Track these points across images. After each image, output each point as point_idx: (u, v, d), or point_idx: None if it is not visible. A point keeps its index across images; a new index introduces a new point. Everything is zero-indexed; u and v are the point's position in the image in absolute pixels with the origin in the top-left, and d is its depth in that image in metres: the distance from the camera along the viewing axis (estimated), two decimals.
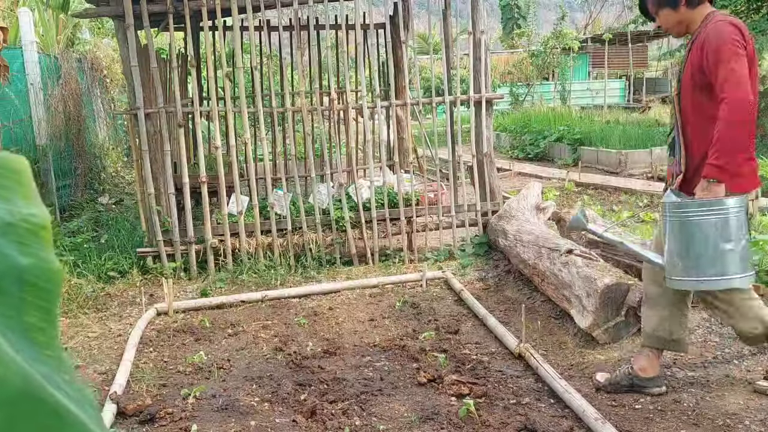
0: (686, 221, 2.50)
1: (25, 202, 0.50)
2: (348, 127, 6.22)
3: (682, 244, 2.51)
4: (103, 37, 12.32)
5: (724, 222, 2.44)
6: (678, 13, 2.69)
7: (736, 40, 2.49)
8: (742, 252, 2.46)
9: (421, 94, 10.81)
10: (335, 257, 5.23)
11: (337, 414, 2.77)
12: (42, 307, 0.47)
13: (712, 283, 2.49)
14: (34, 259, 0.48)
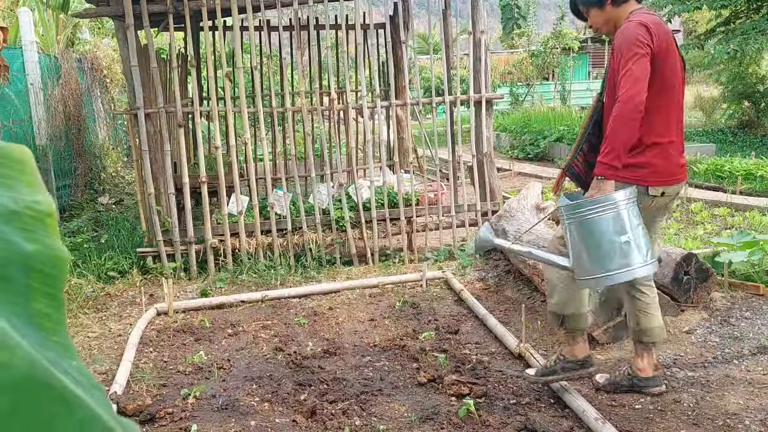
0: (582, 221, 2.53)
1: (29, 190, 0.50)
2: (348, 127, 6.22)
3: (582, 243, 2.55)
4: (103, 37, 12.31)
5: (616, 216, 2.48)
6: (605, 12, 2.74)
7: (638, 40, 2.52)
8: (638, 241, 2.49)
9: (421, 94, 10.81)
10: (335, 257, 5.23)
11: (337, 414, 2.77)
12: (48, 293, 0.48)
13: (617, 277, 2.50)
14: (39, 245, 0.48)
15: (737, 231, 4.76)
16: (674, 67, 2.63)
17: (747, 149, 10.81)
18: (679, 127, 2.72)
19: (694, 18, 18.32)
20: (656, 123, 2.62)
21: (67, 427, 0.41)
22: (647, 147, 2.63)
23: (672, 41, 2.65)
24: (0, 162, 0.50)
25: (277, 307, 4.27)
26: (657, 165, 2.64)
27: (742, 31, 9.43)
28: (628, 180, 2.63)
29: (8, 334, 0.41)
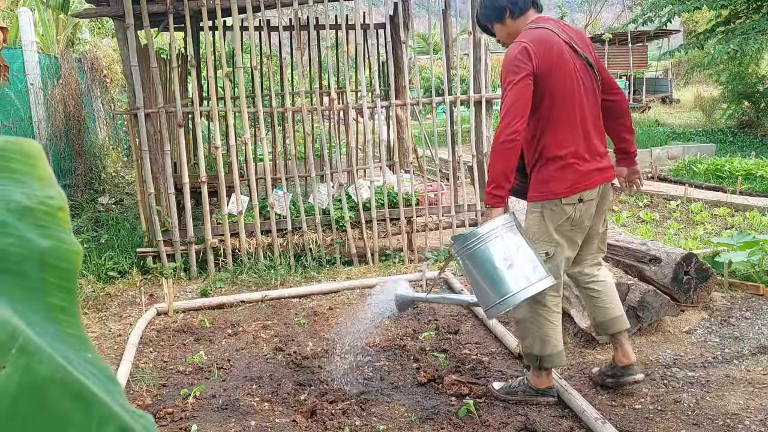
0: (471, 254, 2.57)
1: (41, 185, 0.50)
2: (348, 127, 6.22)
3: (477, 275, 2.59)
4: (103, 37, 12.31)
5: (499, 242, 2.52)
6: (506, 26, 2.79)
7: (514, 65, 2.57)
8: (524, 262, 2.52)
9: (421, 94, 10.81)
10: (335, 257, 5.23)
11: (337, 414, 2.77)
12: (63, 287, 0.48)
13: (512, 299, 2.49)
14: (53, 241, 0.48)
15: (737, 231, 4.76)
16: (570, 77, 2.62)
17: (747, 149, 10.82)
18: (586, 133, 2.68)
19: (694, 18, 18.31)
20: (555, 136, 2.64)
21: (84, 425, 0.42)
22: (549, 160, 2.66)
23: (564, 51, 2.63)
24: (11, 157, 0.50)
25: (277, 307, 4.27)
26: (562, 176, 2.64)
27: (742, 31, 9.43)
28: (539, 198, 2.69)
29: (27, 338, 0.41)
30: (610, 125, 2.89)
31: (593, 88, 2.73)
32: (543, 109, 2.63)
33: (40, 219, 0.49)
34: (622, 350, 2.89)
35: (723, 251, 4.30)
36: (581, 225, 2.71)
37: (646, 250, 3.92)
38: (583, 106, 2.67)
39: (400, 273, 4.92)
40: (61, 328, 0.47)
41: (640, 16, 11.63)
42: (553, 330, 2.77)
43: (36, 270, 0.47)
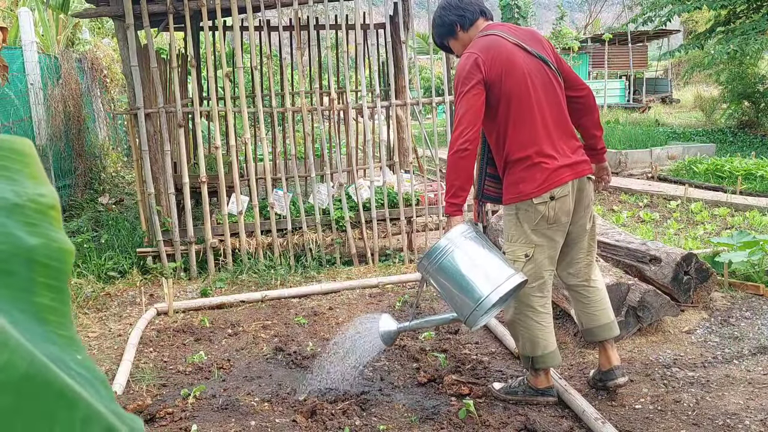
0: (437, 268, 2.58)
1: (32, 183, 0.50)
2: (348, 127, 6.22)
3: (448, 287, 2.60)
4: (103, 37, 12.32)
5: (460, 251, 2.55)
6: (459, 40, 2.82)
7: (464, 77, 2.61)
8: (489, 263, 2.55)
9: (421, 94, 10.80)
10: (335, 257, 5.23)
11: (337, 414, 2.77)
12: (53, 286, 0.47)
13: (491, 297, 2.49)
14: (43, 239, 0.48)
15: (737, 231, 4.76)
16: (522, 78, 2.63)
17: (747, 149, 10.82)
18: (548, 131, 2.67)
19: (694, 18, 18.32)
20: (516, 138, 2.65)
21: (68, 425, 0.41)
22: (514, 162, 2.67)
23: (514, 53, 2.65)
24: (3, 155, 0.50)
25: (277, 307, 4.27)
26: (530, 176, 2.64)
27: (742, 31, 9.43)
28: (512, 200, 2.69)
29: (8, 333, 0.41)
30: (578, 122, 2.88)
31: (552, 85, 2.72)
32: (500, 113, 2.66)
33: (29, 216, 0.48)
34: (605, 355, 2.88)
35: (723, 251, 4.30)
36: (558, 222, 2.69)
37: (646, 250, 3.92)
38: (541, 105, 2.66)
39: (400, 273, 4.92)
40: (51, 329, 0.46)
41: (640, 15, 11.64)
42: (542, 331, 2.75)
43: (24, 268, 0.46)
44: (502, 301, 2.61)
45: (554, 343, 2.82)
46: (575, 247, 2.83)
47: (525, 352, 2.80)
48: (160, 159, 5.00)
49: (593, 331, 2.89)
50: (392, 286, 4.64)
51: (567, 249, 2.82)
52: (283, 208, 5.24)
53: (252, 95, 6.07)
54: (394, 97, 6.60)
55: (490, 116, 2.68)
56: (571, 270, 2.88)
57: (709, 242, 4.80)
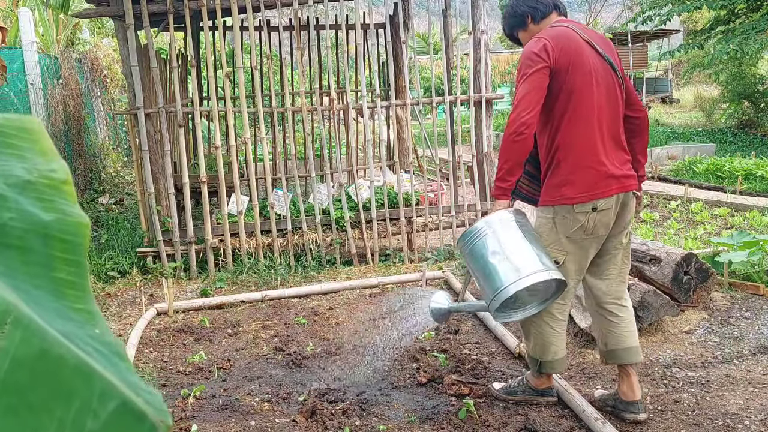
0: (469, 251, 2.52)
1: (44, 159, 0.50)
2: (348, 127, 6.22)
3: (475, 272, 2.53)
4: (103, 37, 12.31)
5: (492, 237, 2.47)
6: (529, 32, 2.73)
7: (530, 59, 2.51)
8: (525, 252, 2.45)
9: (421, 94, 10.81)
10: (335, 257, 5.23)
11: (337, 414, 2.77)
12: (71, 260, 0.48)
13: (510, 289, 2.38)
14: (58, 213, 0.48)
15: (737, 231, 4.76)
16: (588, 75, 2.52)
17: (747, 149, 10.82)
18: (604, 135, 2.55)
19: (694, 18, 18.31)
20: (569, 136, 2.53)
21: (85, 399, 0.42)
22: (562, 162, 2.54)
23: (584, 49, 2.55)
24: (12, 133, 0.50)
25: (277, 307, 4.27)
26: (576, 180, 2.52)
27: (742, 31, 9.43)
28: (550, 203, 2.58)
29: (21, 311, 0.41)
30: (628, 143, 2.73)
31: (615, 92, 2.60)
32: (558, 106, 2.53)
33: (42, 192, 0.48)
34: (628, 383, 2.72)
35: (723, 251, 4.30)
36: (596, 234, 2.56)
37: (646, 250, 3.92)
38: (601, 107, 2.54)
39: (400, 273, 4.92)
40: (69, 303, 0.46)
41: (640, 14, 11.64)
42: (555, 337, 2.69)
43: (40, 244, 0.47)
44: (536, 299, 2.53)
45: (564, 350, 2.76)
46: (609, 263, 2.70)
47: (534, 354, 2.74)
48: (160, 159, 4.99)
49: (618, 353, 2.73)
50: (392, 286, 4.64)
51: (600, 263, 2.70)
52: (283, 208, 5.24)
53: (252, 95, 6.07)
54: (394, 97, 6.60)
55: (546, 108, 2.55)
56: (603, 287, 2.73)
57: (709, 242, 4.80)
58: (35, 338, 0.41)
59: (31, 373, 0.40)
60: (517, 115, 2.49)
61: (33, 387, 0.40)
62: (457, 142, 5.61)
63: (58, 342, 0.42)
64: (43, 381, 0.40)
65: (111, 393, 0.43)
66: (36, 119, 0.52)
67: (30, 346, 0.40)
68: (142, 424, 0.43)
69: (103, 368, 0.43)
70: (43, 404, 0.40)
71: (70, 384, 0.41)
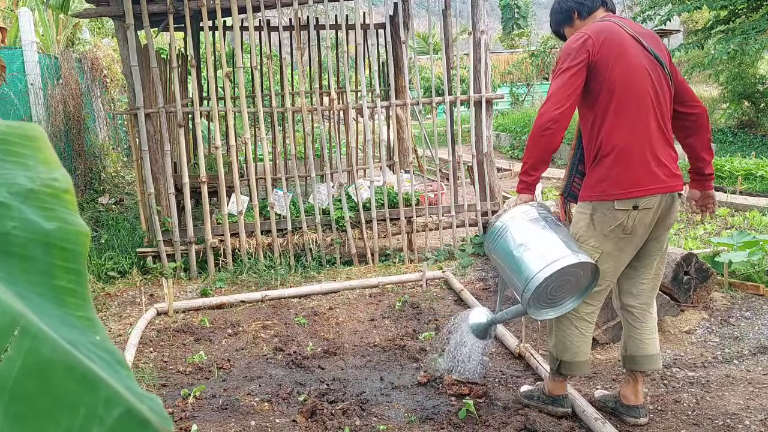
0: (493, 250, 2.48)
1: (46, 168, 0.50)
2: (348, 127, 6.22)
3: (504, 272, 2.48)
4: (103, 37, 12.31)
5: (516, 230, 2.44)
6: (575, 28, 2.66)
7: (569, 54, 2.45)
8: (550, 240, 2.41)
9: (421, 94, 10.81)
10: (335, 257, 5.23)
11: (337, 414, 2.77)
12: (71, 269, 0.48)
13: (539, 275, 2.33)
14: (59, 222, 0.48)
15: (737, 231, 4.76)
16: (633, 70, 2.44)
17: (747, 149, 10.83)
18: (650, 131, 2.45)
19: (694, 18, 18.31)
20: (613, 130, 2.44)
21: (91, 406, 0.42)
22: (605, 156, 2.45)
23: (628, 43, 2.47)
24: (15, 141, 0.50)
25: (277, 307, 4.27)
26: (617, 176, 2.43)
27: (742, 31, 9.44)
28: (590, 198, 2.50)
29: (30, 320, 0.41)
30: (687, 142, 2.65)
31: (663, 88, 2.51)
32: (602, 100, 2.45)
33: (44, 201, 0.49)
34: (633, 388, 2.70)
35: (723, 251, 4.30)
36: (635, 234, 2.47)
37: None
38: (647, 102, 2.44)
39: (400, 273, 4.92)
40: (70, 311, 0.47)
41: (639, 14, 11.64)
42: (578, 338, 2.60)
43: (41, 253, 0.47)
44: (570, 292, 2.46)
45: (587, 353, 2.65)
46: (644, 267, 2.62)
47: (554, 351, 2.67)
48: (160, 159, 4.99)
49: (638, 359, 2.68)
50: (392, 286, 4.64)
51: (636, 267, 2.62)
52: (283, 208, 5.24)
53: (252, 95, 6.07)
54: (394, 97, 6.60)
55: (589, 102, 2.48)
56: (634, 290, 2.66)
57: (709, 242, 4.80)
58: (43, 347, 0.41)
59: (39, 381, 0.40)
60: (546, 109, 2.44)
61: (41, 395, 0.40)
62: (457, 142, 5.61)
63: (65, 350, 0.42)
64: (50, 389, 0.41)
65: (116, 400, 0.43)
66: (38, 127, 0.52)
67: (38, 354, 0.41)
68: (146, 430, 0.43)
69: (107, 375, 0.44)
70: (50, 412, 0.41)
71: (76, 392, 0.42)
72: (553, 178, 8.98)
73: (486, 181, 5.53)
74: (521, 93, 18.25)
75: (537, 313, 2.52)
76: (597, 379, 3.13)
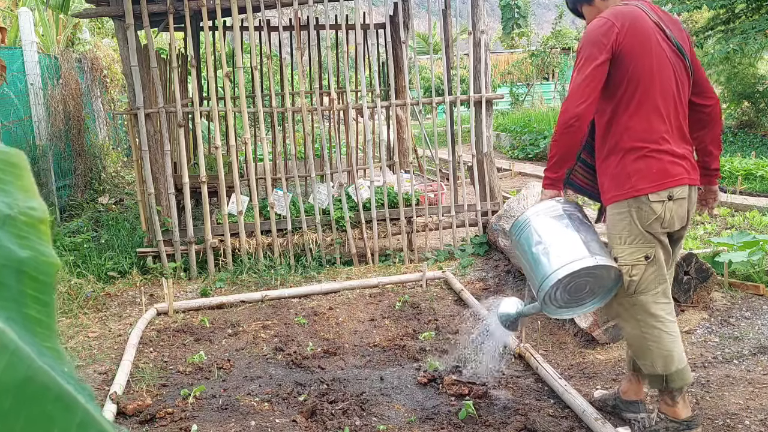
0: (515, 246, 2.44)
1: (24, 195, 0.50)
2: (348, 127, 6.22)
3: (524, 262, 2.42)
4: (103, 37, 12.31)
5: (537, 225, 2.38)
6: (594, 7, 2.55)
7: (593, 43, 2.34)
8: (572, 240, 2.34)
9: (421, 94, 10.81)
10: (335, 257, 5.23)
11: (337, 414, 2.77)
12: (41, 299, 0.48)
13: (552, 277, 2.26)
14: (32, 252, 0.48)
15: (737, 231, 4.76)
16: (657, 59, 2.35)
17: (747, 149, 10.82)
18: (672, 124, 2.39)
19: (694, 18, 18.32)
20: (634, 124, 2.36)
21: (65, 427, 0.42)
22: (627, 152, 2.37)
23: (652, 32, 2.37)
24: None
25: (277, 307, 4.27)
26: (645, 169, 2.35)
27: (742, 31, 9.43)
28: (622, 196, 2.39)
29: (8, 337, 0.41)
30: (697, 134, 2.54)
31: (683, 79, 2.43)
32: (621, 92, 2.36)
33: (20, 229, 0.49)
34: (635, 386, 2.67)
35: (723, 251, 4.30)
36: (671, 228, 2.38)
37: None
38: (667, 95, 2.37)
39: (400, 273, 4.92)
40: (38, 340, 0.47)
41: None
42: (673, 343, 2.41)
43: (14, 280, 0.47)
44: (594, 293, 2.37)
45: (685, 357, 2.47)
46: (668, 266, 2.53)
47: (656, 370, 2.42)
48: (160, 159, 5.00)
49: None
50: (392, 286, 4.64)
51: None
52: (283, 208, 5.24)
53: (252, 95, 6.07)
54: (394, 97, 6.60)
55: (609, 93, 2.38)
56: None
57: (709, 242, 4.80)
58: (21, 364, 0.41)
59: (15, 399, 0.40)
60: (569, 105, 2.34)
61: (16, 413, 0.40)
62: (457, 142, 5.61)
63: (42, 370, 0.42)
64: (26, 408, 0.41)
65: (90, 423, 0.43)
66: (22, 154, 0.52)
67: (15, 372, 0.40)
68: None
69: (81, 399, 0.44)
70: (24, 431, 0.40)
71: (51, 412, 0.42)
72: None
73: (486, 181, 5.53)
74: (521, 93, 18.25)
75: (554, 311, 2.46)
76: (597, 379, 3.13)
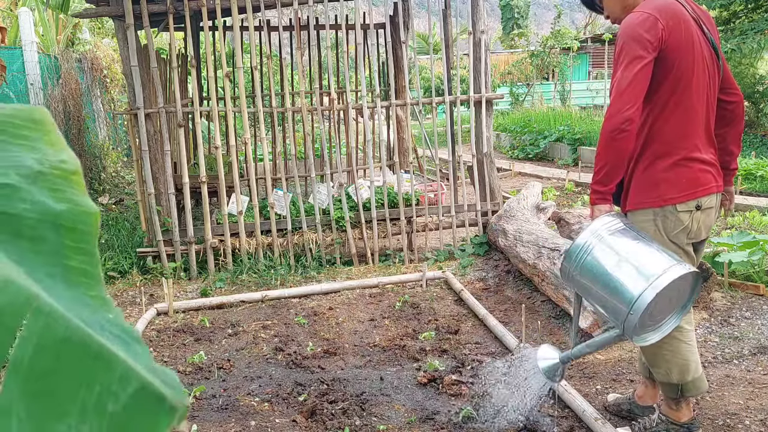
0: (581, 269, 2.16)
1: (53, 150, 0.51)
2: (348, 127, 6.22)
3: (598, 293, 2.15)
4: (103, 37, 12.31)
5: (607, 244, 2.13)
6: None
7: (638, 41, 2.14)
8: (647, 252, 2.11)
9: (421, 94, 10.81)
10: (335, 257, 5.23)
11: (337, 414, 2.77)
12: (83, 249, 0.49)
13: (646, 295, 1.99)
14: (69, 204, 0.49)
15: (737, 231, 4.76)
16: (696, 59, 2.21)
17: (747, 149, 10.82)
18: (702, 129, 2.27)
19: None
20: (669, 128, 2.23)
21: (106, 384, 0.43)
22: (658, 158, 2.24)
23: (693, 28, 2.22)
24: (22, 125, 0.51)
25: (277, 307, 4.27)
26: (675, 178, 2.22)
27: (741, 30, 9.43)
28: (648, 204, 2.27)
29: (44, 300, 0.42)
30: (719, 132, 2.39)
31: (715, 79, 2.31)
32: (661, 94, 2.21)
33: (53, 183, 0.49)
34: (651, 391, 2.65)
35: (723, 251, 4.30)
36: (698, 238, 2.29)
37: None
38: (701, 97, 2.24)
39: (400, 273, 4.92)
40: (82, 291, 0.48)
41: None
42: (690, 352, 2.36)
43: (53, 234, 0.48)
44: (671, 309, 2.15)
45: (700, 364, 2.42)
46: None
47: (671, 379, 2.37)
48: (160, 159, 5.00)
49: None
50: (392, 286, 4.64)
51: None
52: (283, 208, 5.24)
53: (252, 95, 6.07)
54: (394, 97, 6.60)
55: (648, 93, 2.21)
56: None
57: (709, 242, 4.80)
58: (57, 326, 0.42)
59: (55, 359, 0.41)
60: (618, 108, 2.14)
61: (56, 372, 0.41)
62: (457, 142, 5.61)
63: (79, 329, 0.43)
64: (65, 367, 0.42)
65: (130, 376, 0.44)
66: (45, 110, 0.53)
67: (52, 333, 0.42)
68: (161, 405, 0.43)
69: (121, 352, 0.44)
70: (66, 389, 0.42)
71: (91, 368, 0.43)
72: (554, 178, 8.98)
73: (486, 181, 5.53)
74: (521, 93, 18.25)
75: (639, 338, 2.16)
76: (597, 379, 3.13)
